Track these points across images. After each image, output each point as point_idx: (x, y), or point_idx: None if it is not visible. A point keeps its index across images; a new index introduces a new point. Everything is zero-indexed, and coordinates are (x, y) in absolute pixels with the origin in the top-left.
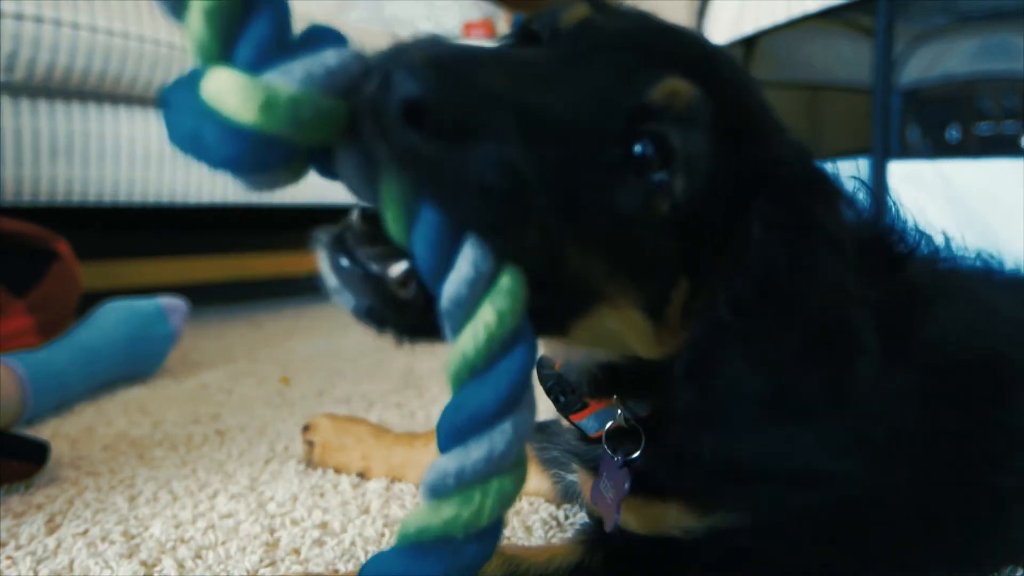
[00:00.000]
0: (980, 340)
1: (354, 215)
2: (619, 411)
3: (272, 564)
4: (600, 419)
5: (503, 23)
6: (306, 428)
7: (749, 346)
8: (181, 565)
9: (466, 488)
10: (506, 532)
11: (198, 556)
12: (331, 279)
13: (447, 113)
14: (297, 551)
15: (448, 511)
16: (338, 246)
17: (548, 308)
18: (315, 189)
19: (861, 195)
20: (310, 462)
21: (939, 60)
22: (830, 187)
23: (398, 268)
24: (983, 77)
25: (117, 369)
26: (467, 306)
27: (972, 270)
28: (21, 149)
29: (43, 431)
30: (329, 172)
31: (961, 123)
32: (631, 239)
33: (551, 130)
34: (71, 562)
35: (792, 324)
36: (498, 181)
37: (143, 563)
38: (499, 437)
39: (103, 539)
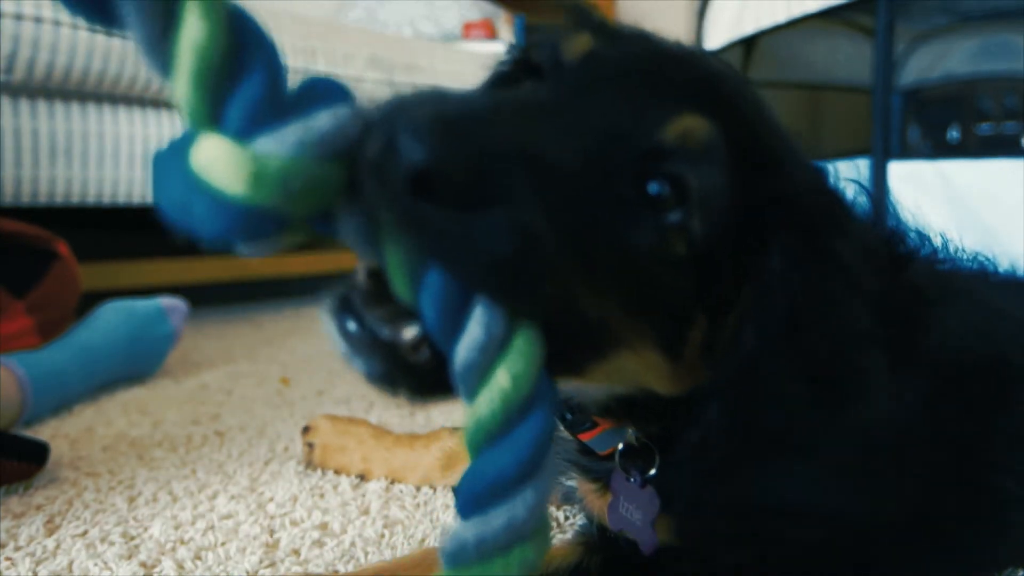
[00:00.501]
0: (983, 342)
1: (360, 273)
2: (629, 431)
3: (272, 565)
4: (609, 438)
5: (503, 23)
6: (306, 430)
7: (770, 381)
8: (181, 566)
9: (487, 558)
10: None
11: (198, 557)
12: (340, 345)
13: (457, 180)
14: (297, 552)
15: None
16: (345, 308)
17: (563, 354)
18: None
19: (862, 198)
20: (310, 464)
21: (939, 60)
22: (845, 215)
23: (410, 332)
24: (983, 77)
25: (117, 369)
26: (481, 371)
27: (970, 271)
28: (21, 149)
29: (43, 431)
30: (331, 232)
31: (961, 123)
32: (648, 281)
33: (564, 182)
34: (70, 563)
35: (804, 361)
36: (511, 247)
37: (142, 564)
38: (520, 504)
39: (102, 540)
